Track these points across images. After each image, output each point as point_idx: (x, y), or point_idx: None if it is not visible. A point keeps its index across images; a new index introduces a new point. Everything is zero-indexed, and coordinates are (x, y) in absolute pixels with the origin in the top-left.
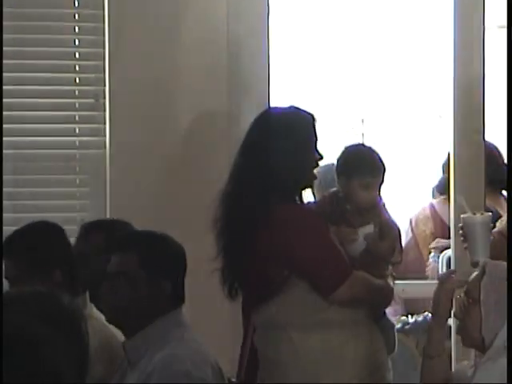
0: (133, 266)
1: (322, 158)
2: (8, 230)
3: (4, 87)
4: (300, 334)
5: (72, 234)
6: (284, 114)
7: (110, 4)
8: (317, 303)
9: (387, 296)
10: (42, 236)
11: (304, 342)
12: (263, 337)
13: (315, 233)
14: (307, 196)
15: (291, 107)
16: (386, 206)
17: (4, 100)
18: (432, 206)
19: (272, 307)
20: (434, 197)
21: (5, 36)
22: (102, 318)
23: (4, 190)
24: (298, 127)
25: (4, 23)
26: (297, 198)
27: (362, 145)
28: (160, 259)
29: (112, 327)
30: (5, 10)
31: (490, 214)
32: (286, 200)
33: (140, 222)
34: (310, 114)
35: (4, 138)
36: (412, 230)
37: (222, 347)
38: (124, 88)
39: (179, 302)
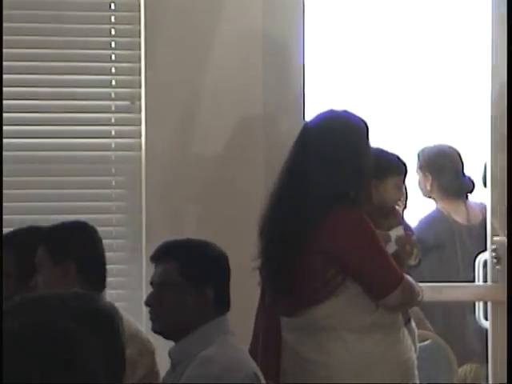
0: (175, 275)
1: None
2: None
3: (42, 89)
4: (351, 336)
5: (108, 235)
6: (340, 117)
7: (146, 6)
8: (366, 306)
9: (420, 300)
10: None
11: (355, 345)
12: (307, 339)
13: (370, 237)
14: None
15: (345, 111)
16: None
17: (42, 102)
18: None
19: (322, 309)
20: None
21: (43, 38)
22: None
23: (42, 191)
24: (356, 131)
25: (42, 25)
26: (352, 201)
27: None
28: (201, 266)
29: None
30: (43, 12)
31: None
32: (342, 202)
33: (176, 224)
34: (363, 120)
35: (43, 140)
36: None
37: None
38: (160, 90)
39: (224, 309)
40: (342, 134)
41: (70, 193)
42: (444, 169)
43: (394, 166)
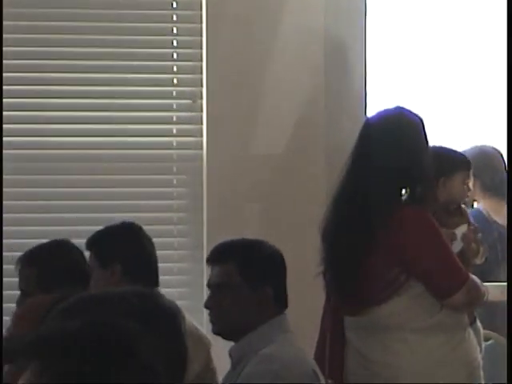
0: (233, 276)
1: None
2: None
3: (106, 88)
4: (414, 336)
5: (169, 233)
6: (400, 113)
7: (208, 4)
8: (430, 306)
9: (486, 300)
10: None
11: (418, 345)
12: (370, 338)
13: (435, 236)
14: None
15: (402, 108)
16: None
17: (106, 101)
18: None
19: (385, 309)
20: None
21: (105, 37)
22: None
23: (105, 190)
24: (416, 128)
25: (105, 24)
26: (416, 199)
27: None
28: (259, 266)
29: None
30: (105, 11)
31: None
32: (406, 201)
33: (236, 222)
34: (419, 116)
35: (106, 139)
36: None
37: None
38: (221, 89)
39: (282, 307)
40: (405, 130)
41: (131, 191)
42: (486, 168)
43: (461, 163)
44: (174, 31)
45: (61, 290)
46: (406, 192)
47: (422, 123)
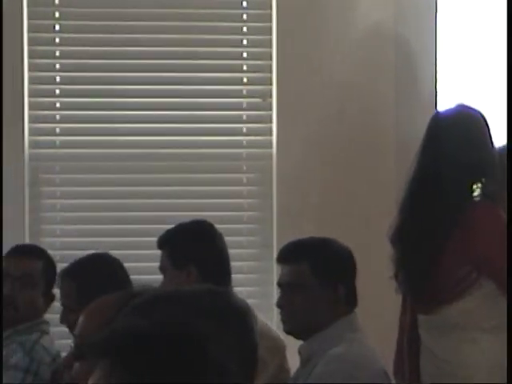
0: (305, 275)
1: None
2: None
3: (176, 87)
4: (484, 335)
5: (239, 232)
6: (468, 111)
7: (278, 4)
8: (500, 306)
9: None
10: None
11: (488, 345)
12: (442, 338)
13: (507, 234)
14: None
15: (463, 105)
16: None
17: (176, 100)
18: None
19: (457, 308)
20: None
21: (172, 36)
22: None
23: (174, 188)
24: (483, 125)
25: (173, 24)
26: (489, 197)
27: None
28: (332, 265)
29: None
30: (173, 11)
31: None
32: (479, 198)
33: (306, 221)
34: (482, 114)
35: (177, 138)
36: None
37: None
38: (291, 87)
39: (353, 306)
40: (474, 127)
41: (201, 190)
42: None
43: None
44: (244, 30)
45: None
46: (477, 189)
47: (486, 121)
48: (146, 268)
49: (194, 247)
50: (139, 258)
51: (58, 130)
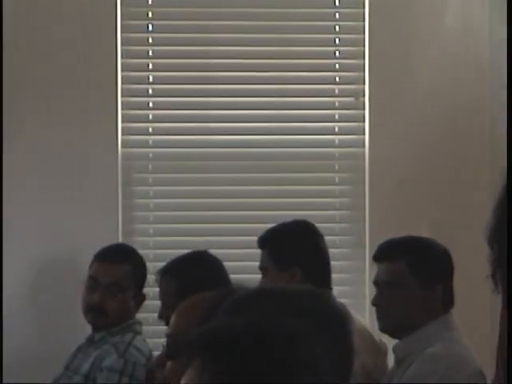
0: (403, 274)
1: None
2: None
3: (268, 86)
4: None
5: (332, 232)
6: None
7: (370, 2)
8: None
9: None
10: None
11: None
12: None
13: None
14: None
15: None
16: None
17: (268, 99)
18: None
19: None
20: None
21: (265, 36)
22: None
23: (267, 188)
24: None
25: (265, 23)
26: None
27: None
28: (429, 265)
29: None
30: (266, 10)
31: None
32: None
33: (399, 221)
34: None
35: (269, 137)
36: None
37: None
38: (383, 86)
39: (449, 306)
40: None
41: (293, 189)
42: None
43: None
44: (337, 29)
45: None
46: None
47: None
48: (236, 267)
49: (298, 248)
50: (230, 256)
51: (150, 130)
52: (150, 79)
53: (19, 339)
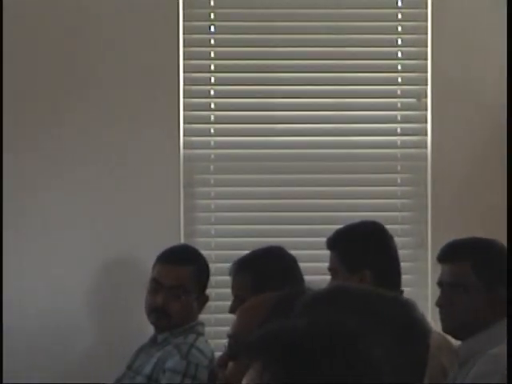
0: (468, 275)
1: None
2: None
3: (330, 87)
4: None
5: (394, 233)
6: None
7: (433, 2)
8: None
9: None
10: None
11: None
12: None
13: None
14: None
15: None
16: None
17: (330, 100)
18: None
19: None
20: None
21: (326, 37)
22: None
23: (329, 189)
24: None
25: (328, 24)
26: None
27: None
28: (494, 266)
29: None
30: (329, 11)
31: None
32: None
33: (462, 222)
34: None
35: (331, 138)
36: None
37: None
38: (446, 87)
39: None
40: None
41: (355, 190)
42: None
43: None
44: (399, 29)
45: None
46: None
47: None
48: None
49: (368, 249)
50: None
51: (212, 131)
52: (212, 80)
53: (83, 339)
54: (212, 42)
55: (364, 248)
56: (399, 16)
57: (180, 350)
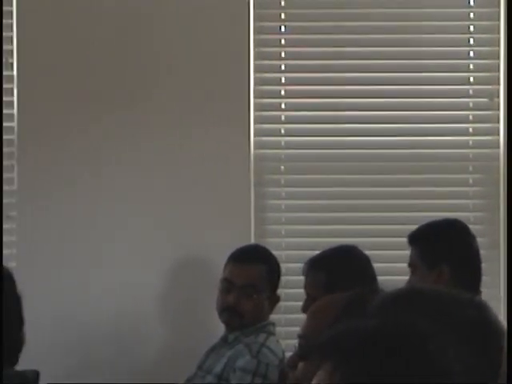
0: None
1: None
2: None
3: (401, 87)
4: None
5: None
6: None
7: (506, 2)
8: None
9: None
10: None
11: None
12: None
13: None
14: None
15: None
16: None
17: (402, 100)
18: None
19: None
20: None
21: (398, 36)
22: None
23: (400, 189)
24: None
25: (400, 23)
26: None
27: None
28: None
29: None
30: (399, 11)
31: None
32: None
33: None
34: None
35: (402, 138)
36: None
37: None
38: None
39: None
40: None
41: (426, 191)
42: None
43: None
44: (471, 29)
45: None
46: None
47: None
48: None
49: (448, 246)
50: None
51: (283, 131)
52: (283, 80)
53: (154, 339)
54: (282, 42)
55: (444, 244)
56: (471, 15)
57: (250, 349)
